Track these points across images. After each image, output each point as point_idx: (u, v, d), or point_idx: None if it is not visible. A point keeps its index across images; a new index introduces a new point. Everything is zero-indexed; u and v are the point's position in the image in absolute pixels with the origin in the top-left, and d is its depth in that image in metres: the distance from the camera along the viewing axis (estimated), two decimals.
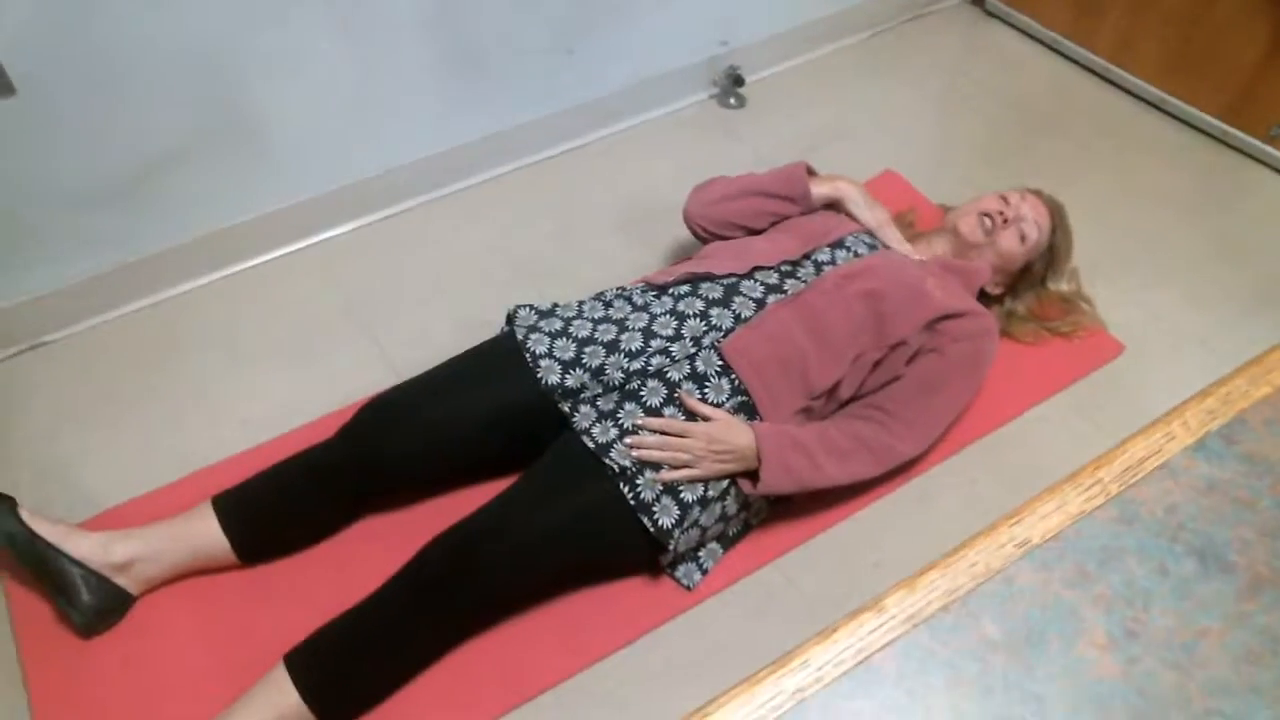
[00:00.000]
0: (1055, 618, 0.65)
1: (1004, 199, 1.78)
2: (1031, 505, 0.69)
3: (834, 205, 1.80)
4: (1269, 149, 2.34)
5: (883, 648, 0.63)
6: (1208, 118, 2.42)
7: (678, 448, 1.44)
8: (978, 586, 0.66)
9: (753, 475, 1.48)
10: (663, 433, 1.45)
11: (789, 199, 1.77)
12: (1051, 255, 1.81)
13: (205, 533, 1.48)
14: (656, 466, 1.43)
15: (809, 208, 1.78)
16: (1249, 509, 0.70)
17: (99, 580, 1.44)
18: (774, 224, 1.79)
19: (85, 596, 1.43)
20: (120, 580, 1.46)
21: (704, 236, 1.84)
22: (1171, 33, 2.42)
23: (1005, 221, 1.75)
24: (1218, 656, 0.63)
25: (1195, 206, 2.26)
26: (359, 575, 1.42)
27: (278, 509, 1.53)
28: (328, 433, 1.55)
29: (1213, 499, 0.71)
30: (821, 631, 0.63)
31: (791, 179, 1.77)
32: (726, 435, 1.45)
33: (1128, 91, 2.57)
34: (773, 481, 1.46)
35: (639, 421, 1.46)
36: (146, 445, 1.72)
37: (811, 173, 1.80)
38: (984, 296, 1.80)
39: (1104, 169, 2.36)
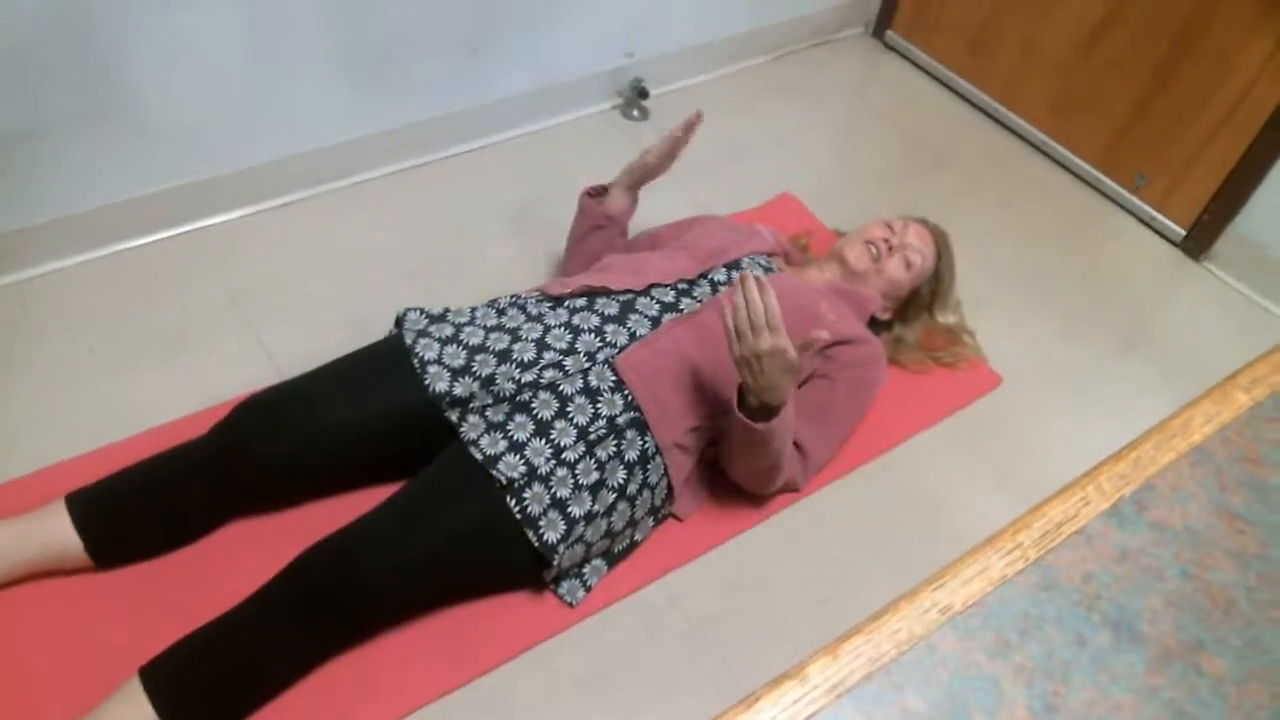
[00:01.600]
0: (977, 689, 0.64)
1: (889, 226, 1.83)
2: (954, 568, 0.69)
3: (636, 188, 1.87)
4: (1133, 198, 2.47)
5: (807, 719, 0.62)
6: (1083, 163, 2.55)
7: (760, 326, 1.36)
8: (901, 655, 0.65)
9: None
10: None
11: (597, 226, 1.85)
12: (937, 281, 1.86)
13: (56, 530, 1.38)
14: (545, 479, 1.40)
15: (622, 218, 1.86)
16: (1158, 578, 0.72)
17: None
18: (608, 242, 1.86)
19: None
20: None
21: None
22: (1054, 78, 2.54)
23: (890, 249, 1.80)
24: None
25: (1070, 247, 2.37)
26: (224, 582, 1.35)
27: (137, 508, 1.45)
28: (199, 430, 1.47)
29: (1125, 567, 0.72)
30: (744, 700, 0.61)
31: (584, 211, 1.87)
32: (788, 364, 1.38)
33: (1014, 131, 2.68)
34: (785, 419, 1.45)
35: (750, 278, 1.38)
36: None
37: (596, 192, 1.88)
38: (874, 322, 1.83)
39: (988, 203, 2.45)
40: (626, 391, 1.49)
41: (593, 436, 1.44)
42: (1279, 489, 0.77)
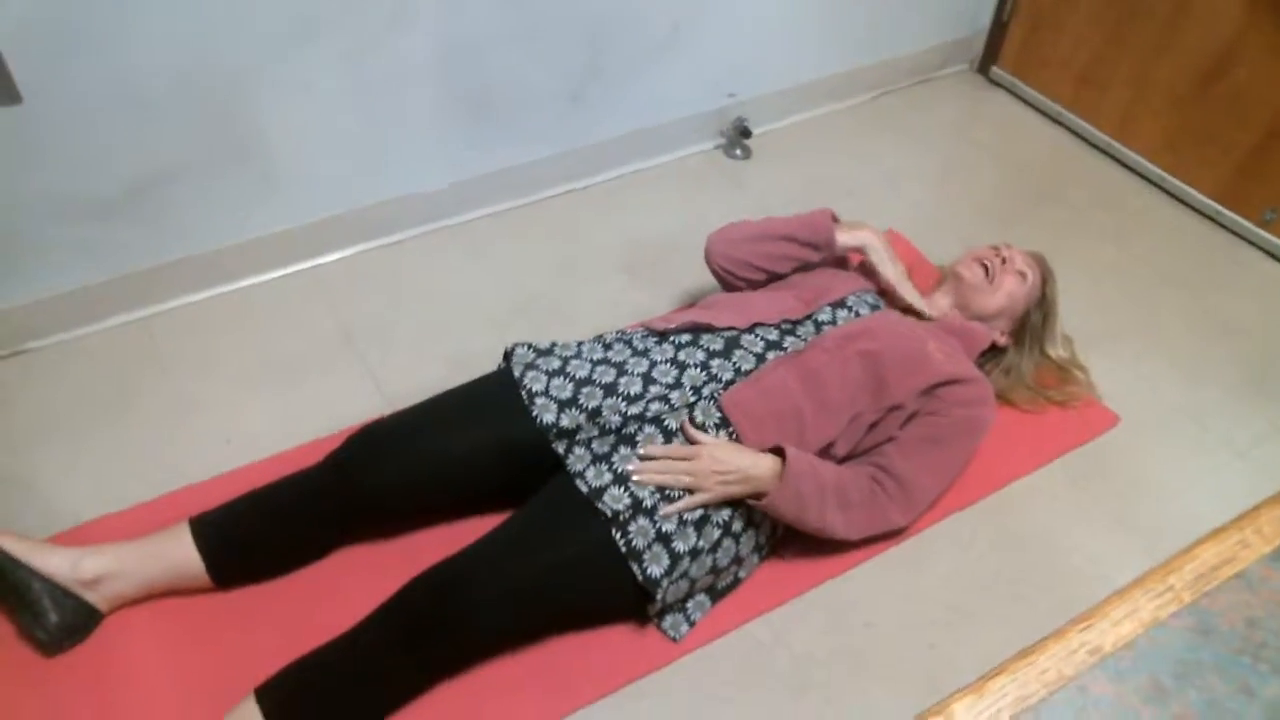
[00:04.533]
0: None
1: (993, 248, 1.81)
2: (1102, 610, 0.65)
3: (856, 254, 1.81)
4: (1261, 232, 2.36)
5: None
6: (1203, 198, 2.45)
7: (682, 470, 1.42)
8: (1050, 695, 0.62)
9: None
10: (666, 459, 1.43)
11: (813, 245, 1.77)
12: (1046, 306, 1.82)
13: (180, 552, 1.44)
14: (650, 512, 1.40)
15: (831, 255, 1.78)
16: None
17: (65, 596, 1.39)
18: (795, 269, 1.80)
19: (50, 613, 1.38)
20: (89, 597, 1.41)
21: (723, 276, 1.83)
22: (1171, 112, 2.46)
23: (1004, 262, 1.77)
24: None
25: (1189, 284, 2.28)
26: (336, 607, 1.38)
27: (256, 532, 1.50)
28: (314, 458, 1.52)
29: None
30: None
31: (816, 226, 1.77)
32: (729, 455, 1.43)
33: (1127, 166, 2.60)
34: (780, 500, 1.44)
35: (640, 450, 1.43)
36: (125, 461, 1.68)
37: (835, 219, 1.80)
38: (993, 349, 1.80)
39: (1101, 240, 2.38)
40: (731, 429, 1.48)
41: None
42: None
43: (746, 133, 2.47)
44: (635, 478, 1.41)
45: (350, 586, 1.46)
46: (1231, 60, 2.29)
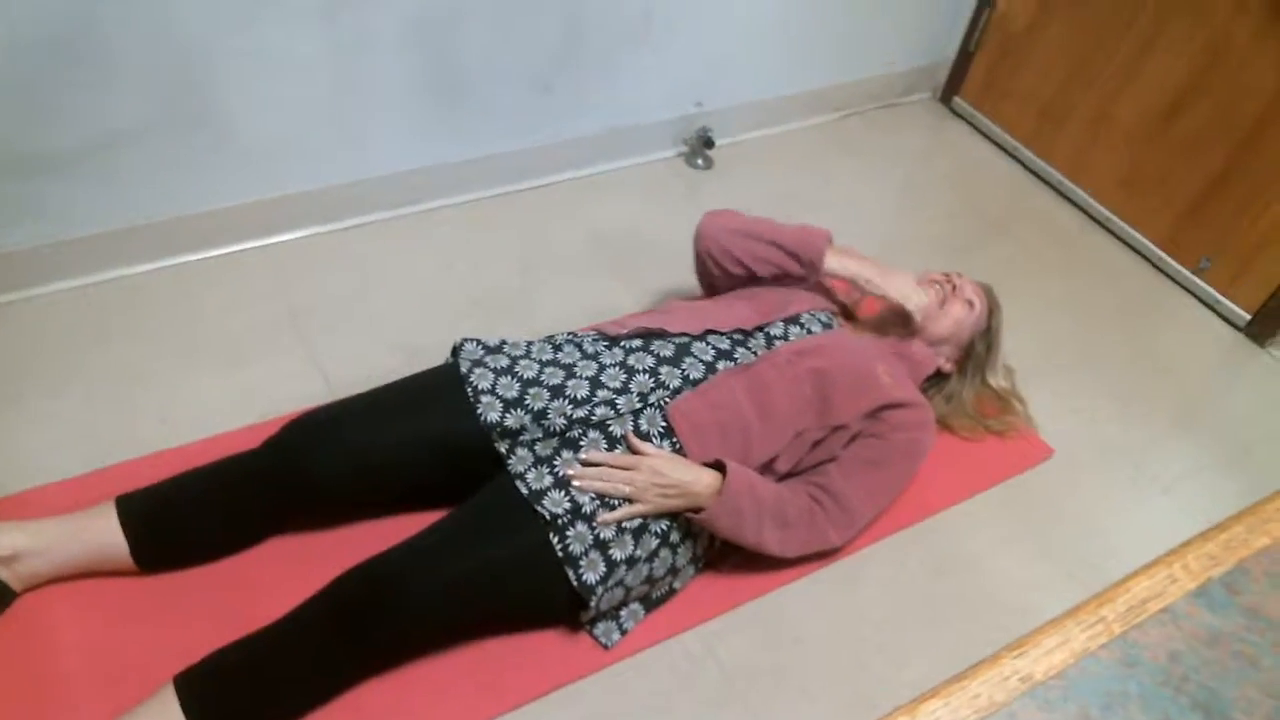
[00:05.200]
0: None
1: (945, 274, 1.84)
2: (1035, 638, 0.67)
3: (840, 282, 1.80)
4: (1196, 279, 2.44)
5: None
6: (1146, 241, 2.52)
7: (622, 479, 1.42)
8: None
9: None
10: (606, 466, 1.43)
11: (798, 260, 1.75)
12: (990, 336, 1.85)
13: (103, 531, 1.40)
14: (589, 518, 1.40)
15: (814, 276, 1.77)
16: (1253, 666, 0.69)
17: None
18: (774, 278, 1.79)
19: None
20: (1, 574, 1.37)
21: (705, 260, 1.82)
22: (1125, 153, 2.52)
23: (954, 289, 1.80)
24: None
25: (1129, 326, 2.34)
26: (264, 596, 1.35)
27: (185, 515, 1.46)
28: (251, 442, 1.49)
29: (1216, 651, 0.69)
30: None
31: (809, 244, 1.75)
32: (669, 468, 1.44)
33: (1079, 206, 2.66)
34: (718, 515, 1.45)
35: (582, 455, 1.43)
36: (55, 433, 1.63)
37: (830, 242, 1.78)
38: (937, 375, 1.83)
39: (1047, 275, 2.43)
40: (675, 439, 1.49)
41: None
42: None
43: (710, 143, 2.48)
44: (575, 483, 1.41)
45: (280, 577, 1.43)
46: (1192, 99, 2.35)
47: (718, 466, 1.47)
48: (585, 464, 1.43)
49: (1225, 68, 2.26)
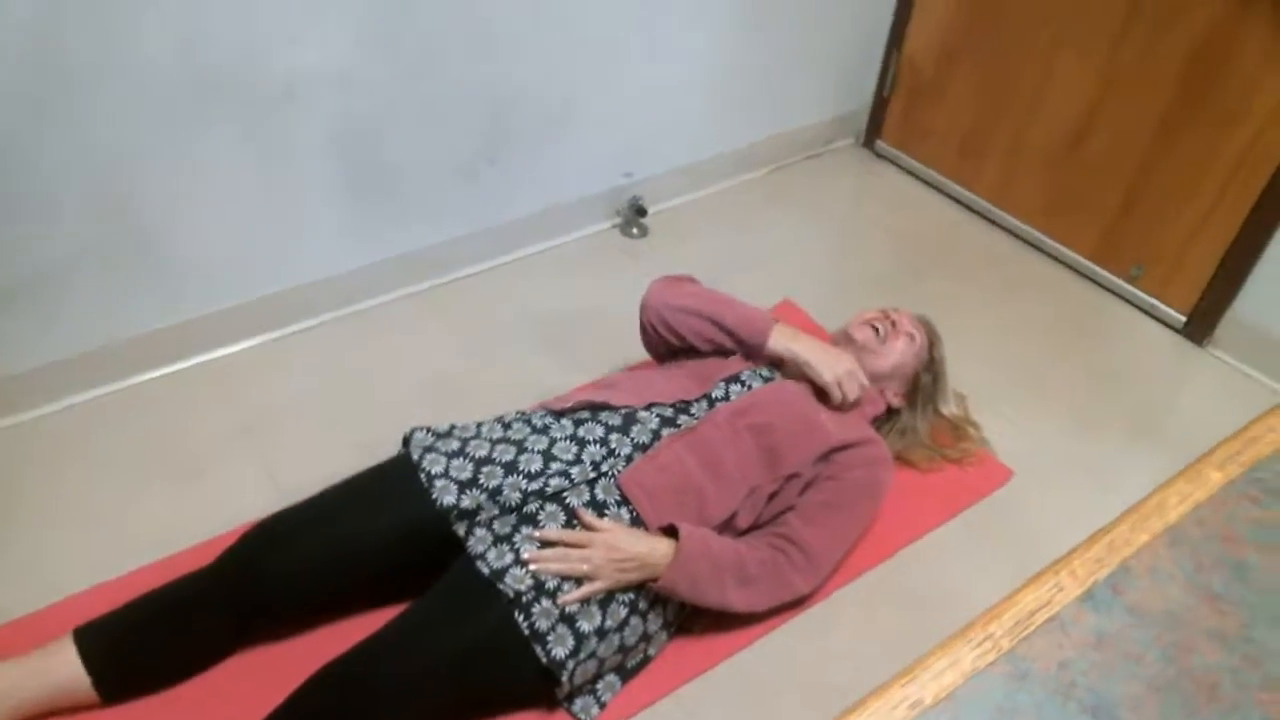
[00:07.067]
0: None
1: (882, 311, 1.87)
2: (924, 663, 0.68)
3: (784, 363, 1.77)
4: (1130, 288, 2.50)
5: None
6: (1078, 257, 2.59)
7: (578, 559, 1.41)
8: None
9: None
10: (562, 545, 1.43)
11: (741, 342, 1.76)
12: (935, 367, 1.88)
13: (63, 667, 1.37)
14: (553, 594, 1.39)
15: (756, 357, 1.77)
16: (1138, 663, 0.70)
17: None
18: (716, 351, 1.79)
19: None
20: None
21: (647, 328, 1.84)
22: (1044, 177, 2.60)
23: (893, 325, 1.83)
24: None
25: (1072, 341, 2.38)
26: (233, 714, 1.33)
27: (144, 641, 1.44)
28: (208, 559, 1.47)
29: (1103, 653, 0.70)
30: None
31: (754, 330, 1.75)
32: (625, 543, 1.43)
33: (1009, 231, 2.73)
34: (676, 581, 1.45)
35: (537, 534, 1.43)
36: (8, 570, 1.61)
37: (775, 322, 1.77)
38: (888, 411, 1.85)
39: (987, 301, 2.48)
40: (631, 507, 1.49)
41: None
42: (1257, 568, 0.76)
43: (642, 211, 2.53)
44: (532, 566, 1.40)
45: (248, 691, 1.41)
46: (1092, 124, 2.44)
47: (674, 532, 1.47)
48: (542, 543, 1.43)
49: (1118, 93, 2.37)
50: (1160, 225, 2.39)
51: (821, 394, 1.74)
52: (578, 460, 1.51)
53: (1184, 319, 2.41)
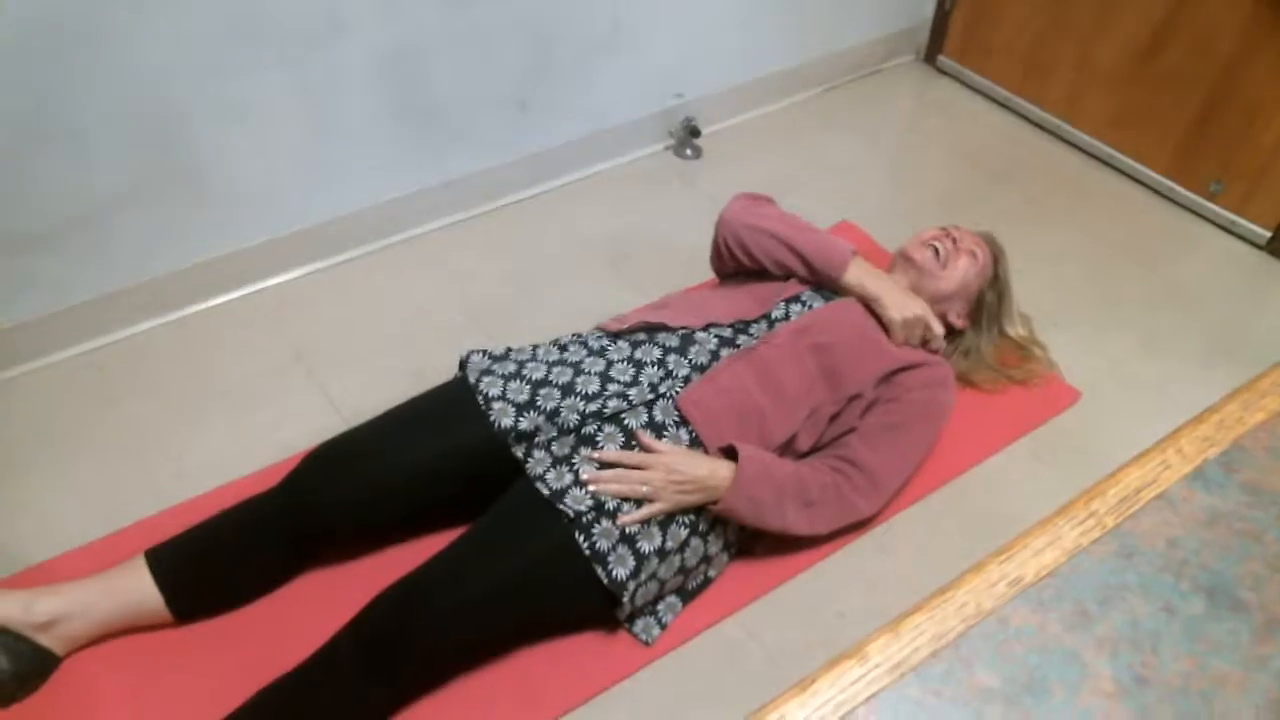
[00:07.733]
0: (1056, 662, 0.60)
1: (942, 229, 1.80)
2: (1023, 540, 0.64)
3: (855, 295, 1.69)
4: (1209, 204, 2.39)
5: (867, 700, 0.57)
6: (1152, 173, 2.47)
7: (638, 480, 1.40)
8: (969, 629, 0.61)
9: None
10: (621, 466, 1.41)
11: (815, 272, 1.68)
12: (999, 285, 1.81)
13: (137, 587, 1.40)
14: (613, 514, 1.38)
15: (829, 288, 1.70)
16: (1256, 542, 0.66)
17: (19, 641, 1.35)
18: (786, 277, 1.72)
19: (4, 660, 1.34)
20: (43, 640, 1.37)
21: (720, 246, 1.78)
22: (1114, 91, 2.48)
23: (954, 243, 1.76)
24: (1239, 705, 0.58)
25: (1144, 259, 2.29)
26: (302, 634, 1.35)
27: (214, 563, 1.46)
28: (271, 483, 1.49)
29: (1216, 531, 0.66)
30: (799, 683, 0.58)
31: (831, 261, 1.66)
32: (685, 465, 1.41)
33: (1077, 147, 2.62)
34: (736, 505, 1.43)
35: (595, 455, 1.41)
36: (78, 497, 1.64)
37: (854, 254, 1.69)
38: (951, 332, 1.79)
39: (1055, 219, 2.39)
40: (690, 428, 1.47)
41: None
42: None
43: (696, 132, 2.47)
44: (591, 488, 1.39)
45: (314, 612, 1.43)
46: (1168, 36, 2.31)
47: (733, 454, 1.45)
48: (601, 464, 1.42)
49: (1195, 3, 2.23)
50: (1242, 139, 2.26)
51: (883, 326, 1.68)
52: (635, 382, 1.49)
53: (1268, 235, 2.29)
